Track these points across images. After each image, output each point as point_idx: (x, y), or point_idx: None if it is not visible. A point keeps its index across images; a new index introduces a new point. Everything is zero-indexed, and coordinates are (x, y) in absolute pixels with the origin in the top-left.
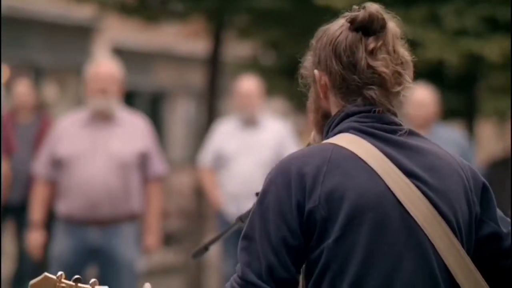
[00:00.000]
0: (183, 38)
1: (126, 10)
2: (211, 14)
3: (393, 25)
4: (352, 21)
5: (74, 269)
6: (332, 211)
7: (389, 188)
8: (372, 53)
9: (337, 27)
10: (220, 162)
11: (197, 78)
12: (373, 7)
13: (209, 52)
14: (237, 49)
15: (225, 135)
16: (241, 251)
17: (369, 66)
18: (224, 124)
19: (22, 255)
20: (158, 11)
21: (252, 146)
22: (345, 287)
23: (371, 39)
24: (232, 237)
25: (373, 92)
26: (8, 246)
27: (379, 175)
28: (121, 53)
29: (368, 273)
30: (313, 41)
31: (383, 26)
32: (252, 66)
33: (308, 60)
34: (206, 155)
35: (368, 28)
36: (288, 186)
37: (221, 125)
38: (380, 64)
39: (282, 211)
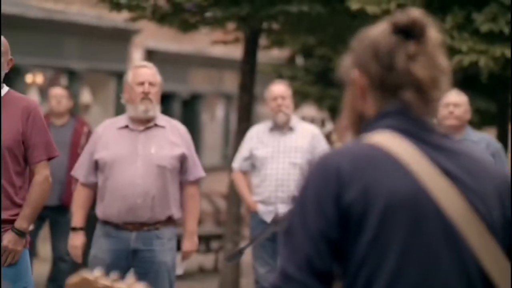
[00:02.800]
0: (218, 42)
1: (161, 19)
2: (246, 19)
3: (434, 32)
4: (394, 25)
5: (112, 272)
6: (367, 208)
7: (425, 187)
8: (411, 56)
9: (379, 29)
10: (253, 165)
11: (232, 82)
12: (416, 13)
13: (244, 56)
14: (272, 53)
15: (258, 139)
16: (282, 246)
17: (407, 69)
18: (257, 128)
19: (57, 257)
20: (193, 18)
21: (286, 149)
22: (381, 284)
23: (411, 43)
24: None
25: (409, 95)
26: (44, 249)
27: (415, 173)
28: (157, 56)
29: (404, 271)
30: (354, 43)
31: (424, 32)
32: (286, 70)
33: (346, 61)
34: (239, 159)
35: (409, 32)
36: (326, 181)
37: (254, 129)
38: (419, 68)
39: (320, 205)
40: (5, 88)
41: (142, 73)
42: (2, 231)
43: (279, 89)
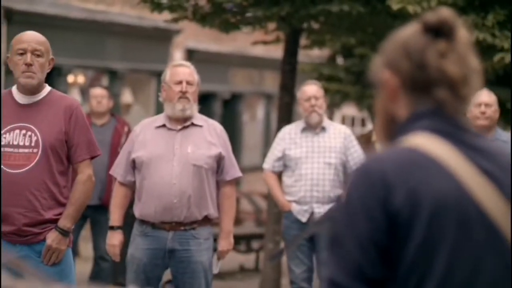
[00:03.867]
0: (259, 42)
1: (202, 19)
2: (286, 19)
3: (464, 32)
4: (424, 24)
5: (149, 271)
6: (415, 211)
7: (467, 187)
8: (442, 54)
9: (410, 30)
10: (286, 166)
11: (272, 81)
12: (446, 12)
13: (284, 56)
14: (312, 53)
15: (291, 139)
16: (330, 254)
17: (439, 66)
18: (288, 128)
19: (98, 256)
20: (234, 18)
21: (320, 149)
22: (431, 286)
23: (441, 41)
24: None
25: (442, 93)
26: (85, 248)
27: (457, 175)
28: (197, 56)
29: (453, 273)
30: (385, 44)
31: (454, 30)
32: (326, 69)
33: (377, 63)
34: (271, 160)
35: (439, 31)
36: (372, 186)
37: (285, 129)
38: (450, 65)
39: (368, 211)
40: (47, 88)
41: (180, 72)
42: (46, 230)
43: (312, 89)
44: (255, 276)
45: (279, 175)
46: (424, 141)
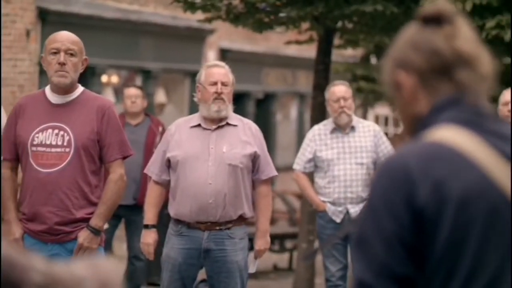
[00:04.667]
0: (292, 42)
1: (235, 19)
2: (320, 19)
3: (463, 18)
4: (423, 18)
5: (184, 271)
6: (441, 206)
7: (494, 178)
8: (451, 36)
9: (410, 28)
10: (318, 167)
11: (306, 81)
12: (441, 2)
13: (318, 56)
14: (346, 53)
15: (321, 140)
16: (356, 253)
17: (452, 48)
18: (317, 129)
19: (133, 256)
20: (268, 18)
21: (351, 150)
22: (460, 280)
23: (445, 26)
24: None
25: (462, 74)
26: (120, 248)
27: (483, 166)
28: (231, 56)
29: (481, 266)
30: (390, 49)
31: (453, 16)
32: (360, 69)
33: (387, 67)
34: (302, 161)
35: (439, 19)
36: (395, 183)
37: (314, 130)
38: (461, 44)
39: (392, 208)
40: (80, 88)
41: (215, 73)
42: (78, 229)
43: (341, 90)
44: (289, 276)
45: (310, 175)
46: (447, 134)
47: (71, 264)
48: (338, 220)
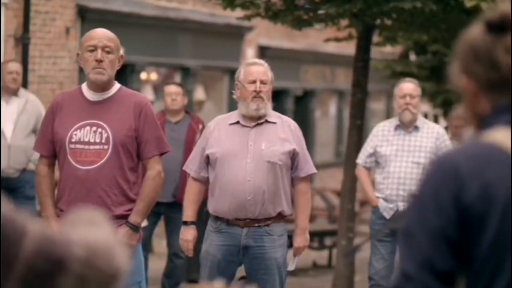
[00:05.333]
0: (331, 40)
1: (274, 16)
2: (359, 16)
3: None
4: (487, 23)
5: (223, 267)
6: (488, 207)
7: None
8: (509, 50)
9: (475, 32)
10: (377, 162)
11: (345, 78)
12: (505, 6)
13: (357, 53)
14: (385, 49)
15: (383, 136)
16: (401, 246)
17: (509, 65)
18: (382, 125)
19: (172, 253)
20: (306, 15)
21: (410, 148)
22: (504, 283)
23: (507, 36)
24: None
25: None
26: (159, 245)
27: None
28: (270, 53)
29: None
30: (456, 48)
31: None
32: (399, 66)
33: (454, 69)
34: (363, 155)
35: (502, 26)
36: (445, 180)
37: (379, 126)
38: None
39: (439, 204)
40: (117, 85)
41: (254, 71)
42: (117, 226)
43: (409, 87)
44: (328, 273)
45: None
46: (501, 137)
47: (99, 234)
48: (387, 217)
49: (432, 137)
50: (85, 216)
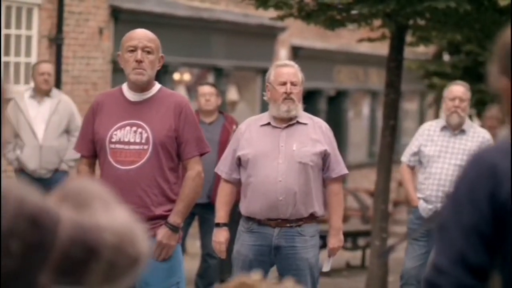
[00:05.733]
0: (364, 40)
1: (307, 16)
2: (392, 16)
3: None
4: None
5: (255, 268)
6: None
7: None
8: None
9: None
10: (421, 162)
11: (378, 78)
12: None
13: (390, 53)
14: (418, 49)
15: (428, 136)
16: (436, 241)
17: None
18: (428, 125)
19: (206, 253)
20: (339, 15)
21: (454, 150)
22: None
23: None
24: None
25: None
26: (193, 245)
27: None
28: (303, 54)
29: None
30: (495, 49)
31: None
32: (432, 66)
33: (493, 71)
34: (408, 153)
35: None
36: (481, 176)
37: (426, 125)
38: None
39: (475, 200)
40: (157, 85)
41: (284, 72)
42: (156, 226)
43: (459, 90)
44: (361, 273)
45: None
46: None
47: (122, 218)
48: (426, 217)
49: (477, 141)
50: (96, 194)
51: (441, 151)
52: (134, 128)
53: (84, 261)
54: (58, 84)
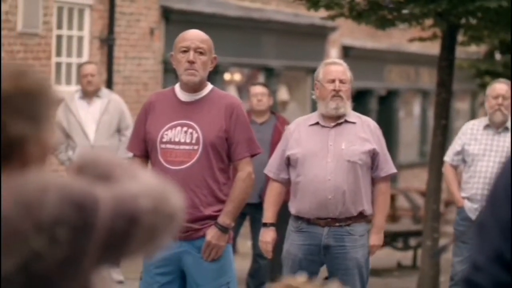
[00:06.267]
0: (415, 39)
1: (358, 16)
2: (443, 15)
3: None
4: None
5: (305, 267)
6: None
7: None
8: None
9: None
10: (464, 161)
11: (429, 78)
12: None
13: (441, 52)
14: (469, 49)
15: (472, 135)
16: (474, 238)
17: None
18: (471, 123)
19: (257, 254)
20: (390, 15)
21: (498, 149)
22: None
23: None
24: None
25: None
26: (244, 245)
27: None
28: (353, 53)
29: None
30: None
31: None
32: (484, 65)
33: None
34: (451, 153)
35: None
36: None
37: (469, 124)
38: None
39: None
40: (209, 86)
41: (333, 70)
42: (206, 226)
43: (503, 88)
44: (413, 273)
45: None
46: None
47: (151, 181)
48: (473, 218)
49: None
50: (112, 164)
51: (485, 149)
52: (184, 128)
53: (127, 232)
54: (109, 84)
